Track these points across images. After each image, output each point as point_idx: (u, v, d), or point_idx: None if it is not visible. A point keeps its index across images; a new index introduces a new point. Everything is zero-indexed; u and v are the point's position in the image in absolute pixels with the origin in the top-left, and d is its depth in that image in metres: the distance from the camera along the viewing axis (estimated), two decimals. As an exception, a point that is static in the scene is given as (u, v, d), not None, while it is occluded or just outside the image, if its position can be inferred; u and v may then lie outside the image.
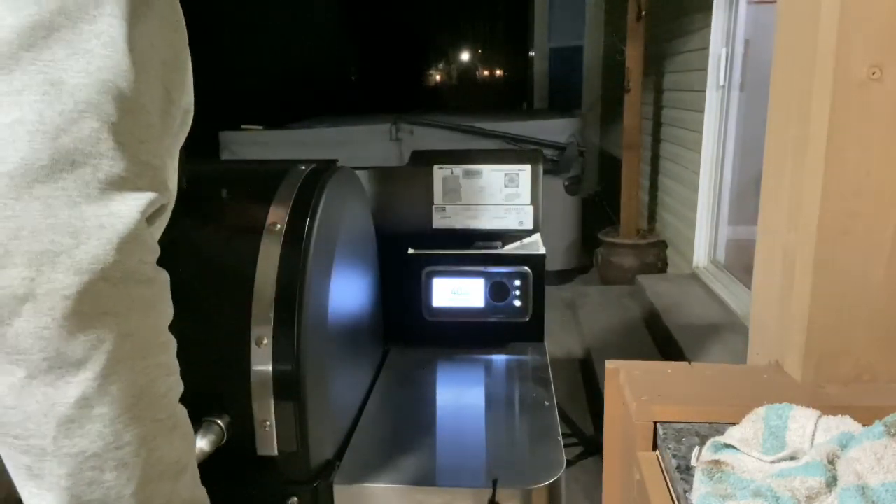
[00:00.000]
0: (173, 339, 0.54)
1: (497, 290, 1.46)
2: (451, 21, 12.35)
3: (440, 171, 1.53)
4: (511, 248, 1.51)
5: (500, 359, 1.45)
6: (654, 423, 0.81)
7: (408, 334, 1.50)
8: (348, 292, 1.19)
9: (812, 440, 0.68)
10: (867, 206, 0.79)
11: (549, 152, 4.72)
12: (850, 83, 0.76)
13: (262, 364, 0.91)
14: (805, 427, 0.69)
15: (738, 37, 3.60)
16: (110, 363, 0.46)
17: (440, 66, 13.12)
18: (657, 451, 0.81)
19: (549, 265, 1.49)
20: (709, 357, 2.84)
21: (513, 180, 1.52)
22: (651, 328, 3.56)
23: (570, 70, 7.83)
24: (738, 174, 3.76)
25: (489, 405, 1.26)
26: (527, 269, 1.45)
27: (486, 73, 12.64)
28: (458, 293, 1.48)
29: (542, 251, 1.47)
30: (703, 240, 3.91)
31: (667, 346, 3.20)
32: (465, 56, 12.89)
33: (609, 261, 4.58)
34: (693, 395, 0.84)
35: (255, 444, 0.93)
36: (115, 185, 0.46)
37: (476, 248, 1.51)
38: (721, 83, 3.66)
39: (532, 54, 8.55)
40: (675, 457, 0.74)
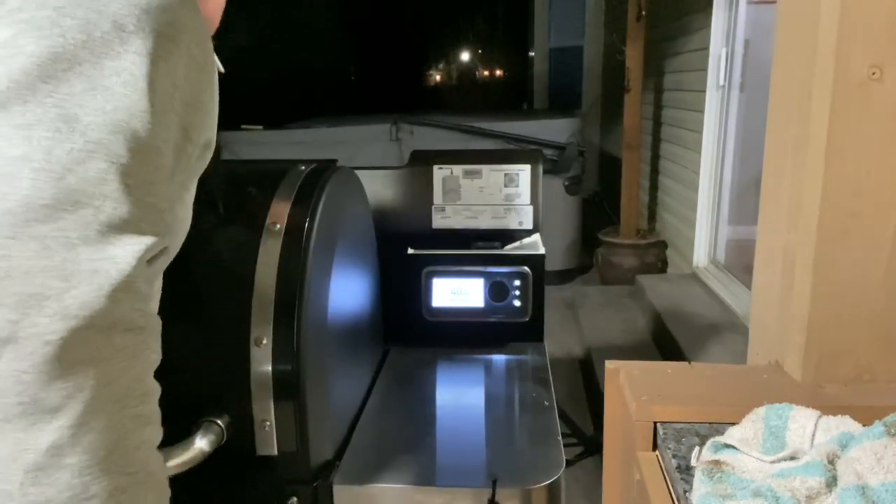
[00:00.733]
0: (157, 387, 0.52)
1: (497, 290, 1.46)
2: (451, 21, 12.34)
3: (440, 171, 1.53)
4: (511, 248, 1.51)
5: (499, 359, 1.45)
6: (654, 423, 0.81)
7: (408, 334, 1.50)
8: (348, 292, 1.19)
9: (812, 440, 0.68)
10: (867, 206, 0.79)
11: (549, 152, 4.72)
12: (850, 83, 0.76)
13: (262, 364, 0.91)
14: (805, 427, 0.69)
15: (738, 37, 3.60)
16: (86, 412, 0.45)
17: (440, 66, 13.11)
18: (657, 451, 0.81)
19: (549, 265, 1.49)
20: (709, 357, 2.84)
21: (513, 180, 1.52)
22: (651, 328, 3.56)
23: (570, 70, 7.83)
24: (738, 174, 3.76)
25: (489, 405, 1.26)
26: (526, 269, 1.45)
27: (486, 73, 12.64)
28: (457, 293, 1.48)
29: (542, 251, 1.47)
30: (703, 240, 3.90)
31: (667, 345, 3.20)
32: (465, 56, 12.88)
33: (609, 261, 4.58)
34: (693, 395, 0.84)
35: (255, 444, 0.93)
36: (116, 227, 0.45)
37: (476, 248, 1.51)
38: (721, 83, 3.66)
39: (532, 54, 8.55)
40: (675, 457, 0.74)
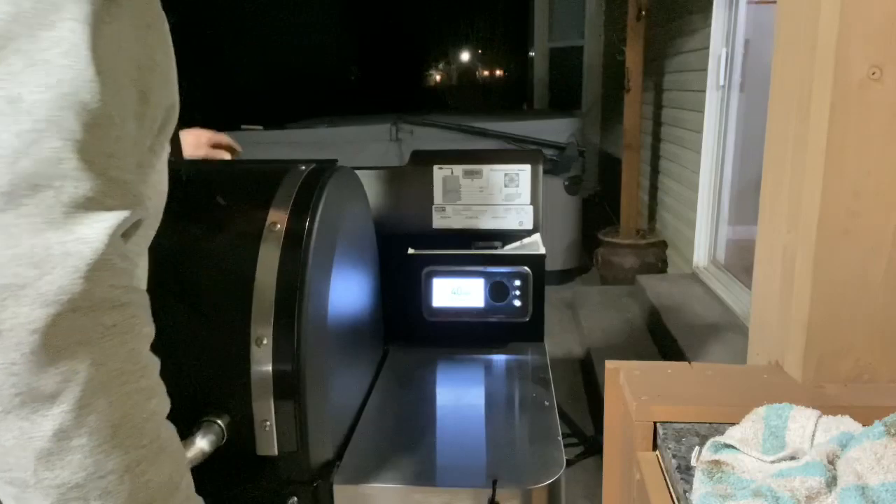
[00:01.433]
0: (155, 360, 0.52)
1: (497, 290, 1.46)
2: (451, 21, 12.34)
3: (440, 171, 1.53)
4: (511, 248, 1.51)
5: (500, 359, 1.45)
6: (654, 423, 0.81)
7: (408, 334, 1.50)
8: (348, 292, 1.19)
9: (812, 440, 0.68)
10: (867, 206, 0.79)
11: (549, 152, 4.72)
12: (850, 83, 0.76)
13: (262, 364, 0.91)
14: (805, 427, 0.69)
15: (738, 37, 3.60)
16: (85, 394, 0.45)
17: (440, 66, 13.11)
18: (657, 451, 0.81)
19: (549, 265, 1.49)
20: (709, 357, 2.84)
21: (513, 180, 1.52)
22: (651, 328, 3.56)
23: (570, 70, 7.83)
24: (738, 174, 3.76)
25: (489, 405, 1.26)
26: (527, 269, 1.45)
27: (486, 73, 12.64)
28: (458, 293, 1.47)
29: (542, 251, 1.47)
30: (703, 240, 3.90)
31: (667, 346, 3.20)
32: (465, 56, 12.88)
33: (609, 261, 4.58)
34: (693, 395, 0.84)
35: (255, 444, 0.93)
36: (82, 206, 0.44)
37: (476, 248, 1.51)
38: (721, 83, 3.66)
39: (532, 54, 8.55)
40: (675, 457, 0.74)
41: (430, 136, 4.87)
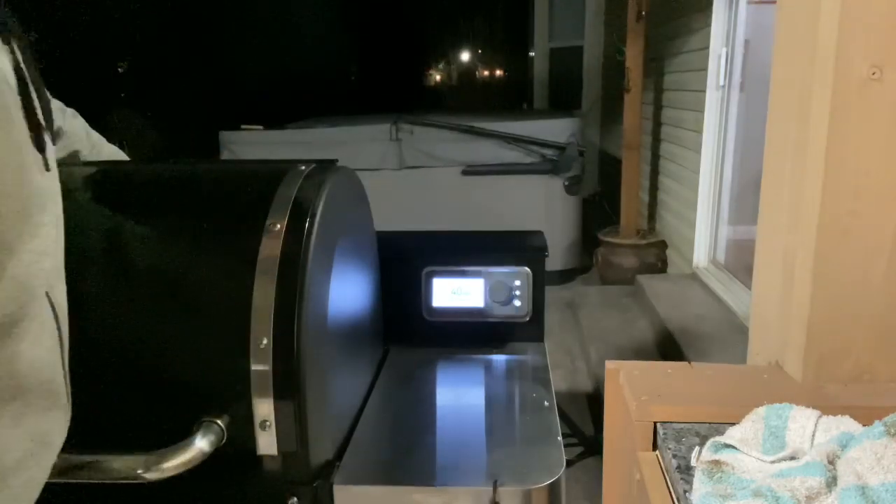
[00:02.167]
0: None
1: (497, 290, 1.46)
2: (451, 21, 12.34)
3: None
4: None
5: (500, 359, 1.45)
6: (654, 423, 0.81)
7: (408, 334, 1.50)
8: (348, 292, 1.19)
9: (812, 440, 0.68)
10: (867, 206, 0.79)
11: (549, 152, 4.72)
12: (850, 83, 0.76)
13: (262, 364, 0.91)
14: (805, 427, 0.69)
15: (738, 37, 3.60)
16: None
17: (440, 66, 13.11)
18: (657, 451, 0.81)
19: (549, 265, 1.49)
20: (709, 357, 2.84)
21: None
22: (651, 328, 3.56)
23: (570, 70, 7.83)
24: (738, 174, 3.76)
25: (489, 405, 1.26)
26: (527, 269, 1.45)
27: (486, 73, 12.64)
28: (458, 293, 1.47)
29: (544, 250, 1.47)
30: (703, 240, 3.91)
31: (667, 345, 3.20)
32: (465, 56, 12.88)
33: (609, 261, 4.57)
34: (693, 395, 0.84)
35: (255, 444, 0.93)
36: None
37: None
38: (721, 83, 3.66)
39: (532, 54, 8.55)
40: (675, 457, 0.74)
41: (429, 136, 4.87)
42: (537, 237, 1.54)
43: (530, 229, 1.60)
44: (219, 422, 0.90)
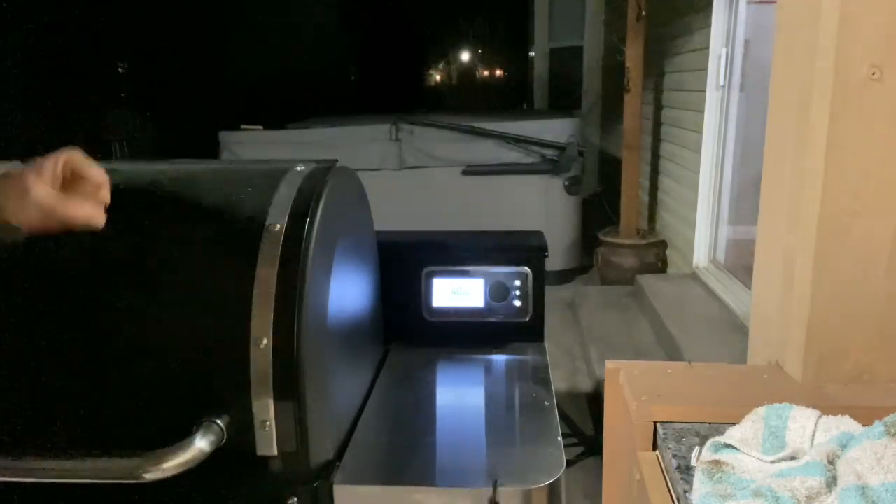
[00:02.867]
0: None
1: (497, 290, 1.46)
2: (451, 21, 12.34)
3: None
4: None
5: (500, 359, 1.45)
6: (654, 423, 0.81)
7: (408, 334, 1.50)
8: (348, 292, 1.19)
9: (812, 440, 0.68)
10: (867, 206, 0.79)
11: (548, 152, 4.72)
12: (850, 83, 0.76)
13: (262, 364, 0.91)
14: (805, 427, 0.69)
15: (738, 37, 3.60)
16: None
17: (440, 66, 13.12)
18: (657, 451, 0.81)
19: (549, 265, 1.49)
20: (709, 357, 2.84)
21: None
22: (651, 328, 3.56)
23: (570, 70, 7.83)
24: (738, 174, 3.76)
25: (489, 405, 1.26)
26: (527, 269, 1.45)
27: (486, 73, 12.65)
28: (458, 293, 1.48)
29: (544, 250, 1.47)
30: (703, 240, 3.90)
31: (666, 345, 3.20)
32: (465, 56, 12.89)
33: (609, 261, 4.57)
34: (693, 395, 0.84)
35: (255, 444, 0.93)
36: None
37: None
38: (721, 83, 3.66)
39: (532, 54, 8.55)
40: (675, 457, 0.74)
41: (430, 136, 4.87)
42: (537, 237, 1.54)
43: (530, 229, 1.60)
44: (219, 422, 0.90)
